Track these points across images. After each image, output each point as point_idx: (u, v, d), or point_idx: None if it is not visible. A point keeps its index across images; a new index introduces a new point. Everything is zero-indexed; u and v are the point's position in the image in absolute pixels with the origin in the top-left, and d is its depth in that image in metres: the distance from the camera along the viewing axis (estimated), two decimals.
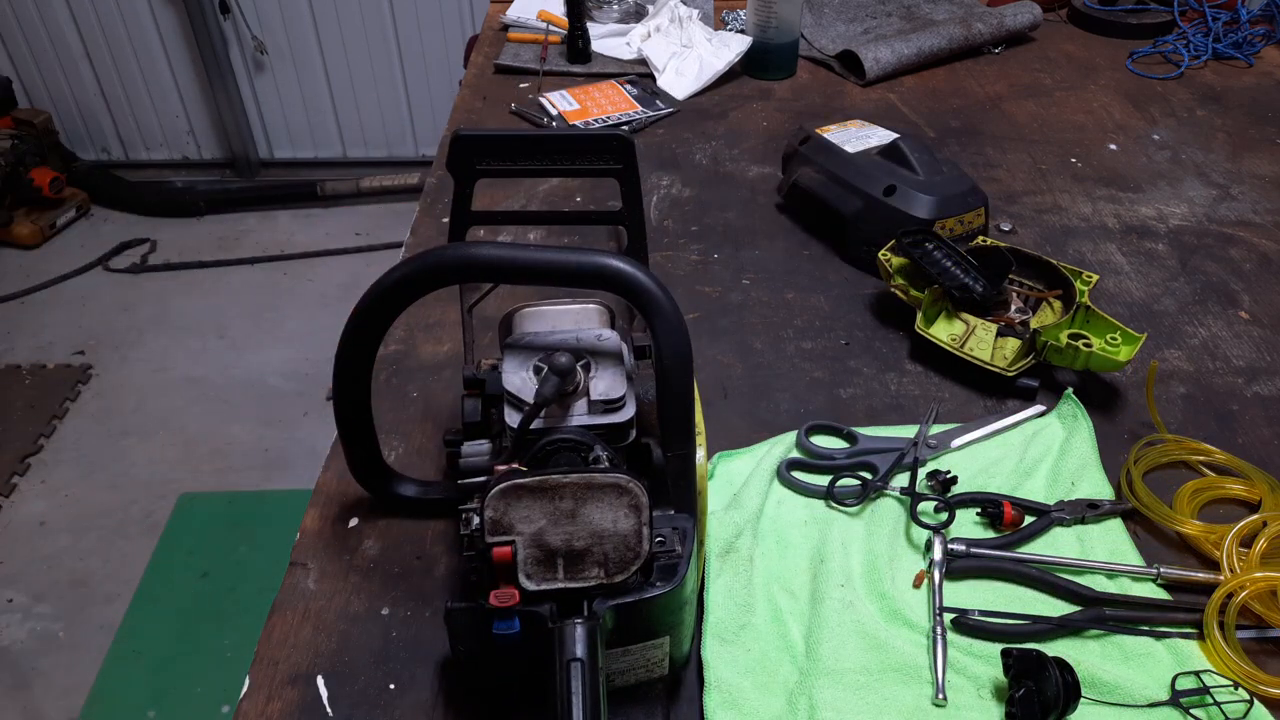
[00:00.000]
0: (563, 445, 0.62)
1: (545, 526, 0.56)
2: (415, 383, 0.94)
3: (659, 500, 0.62)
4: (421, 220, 1.21)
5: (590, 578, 0.56)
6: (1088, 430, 0.86)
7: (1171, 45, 1.66)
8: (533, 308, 0.72)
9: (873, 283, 1.09)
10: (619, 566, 0.56)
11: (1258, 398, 0.94)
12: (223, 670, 1.86)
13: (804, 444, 0.86)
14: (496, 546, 0.55)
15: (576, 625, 0.54)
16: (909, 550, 0.77)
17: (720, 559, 0.75)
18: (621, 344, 0.67)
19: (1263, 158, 1.36)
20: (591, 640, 0.54)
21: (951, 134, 1.41)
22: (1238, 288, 1.10)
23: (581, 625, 0.54)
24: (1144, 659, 0.69)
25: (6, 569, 2.07)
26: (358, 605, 0.73)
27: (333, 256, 3.04)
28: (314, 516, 0.80)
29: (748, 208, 1.24)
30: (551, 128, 1.39)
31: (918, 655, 0.69)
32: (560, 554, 0.56)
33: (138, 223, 3.19)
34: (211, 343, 2.69)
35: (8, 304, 2.84)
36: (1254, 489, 0.81)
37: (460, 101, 1.51)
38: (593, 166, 0.74)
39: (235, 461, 2.32)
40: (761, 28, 1.53)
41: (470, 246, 0.63)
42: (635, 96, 1.49)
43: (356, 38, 3.11)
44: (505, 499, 0.56)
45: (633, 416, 0.64)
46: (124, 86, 3.22)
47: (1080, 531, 0.79)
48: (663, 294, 0.60)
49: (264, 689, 0.68)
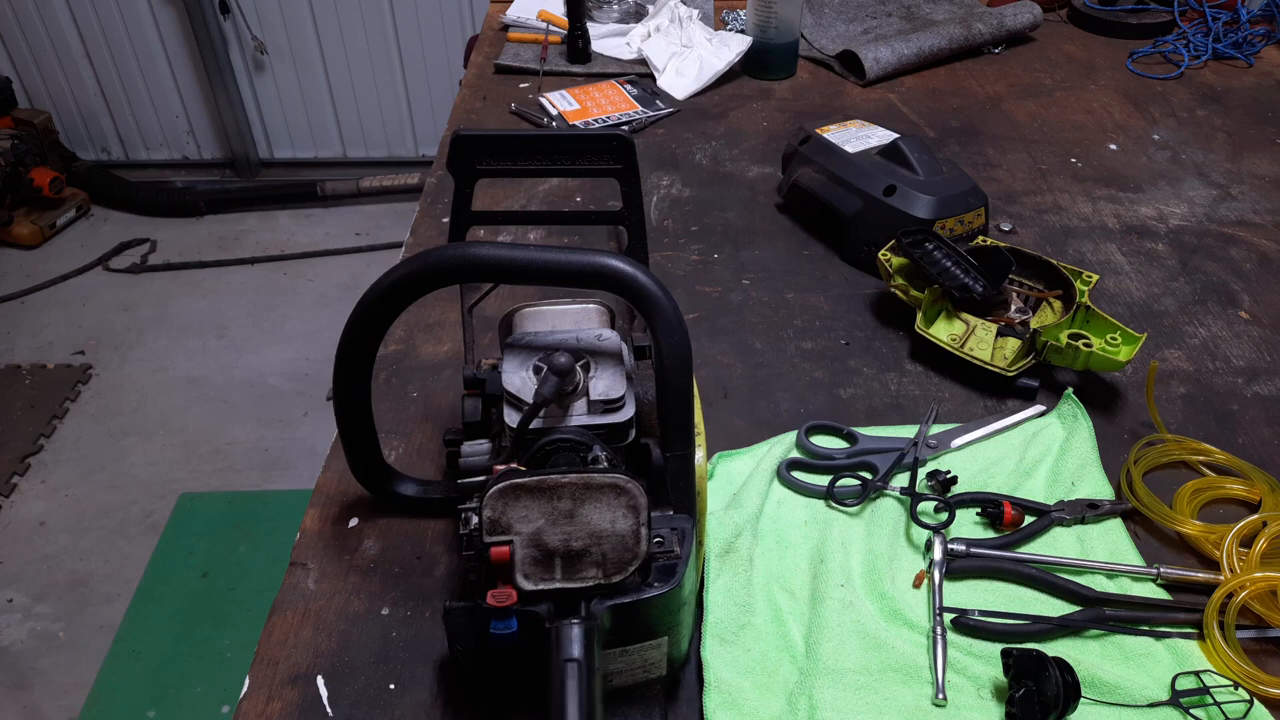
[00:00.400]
0: (562, 445, 0.62)
1: (543, 526, 0.56)
2: (415, 383, 0.94)
3: (658, 501, 0.62)
4: (421, 220, 1.21)
5: (588, 578, 0.56)
6: (1088, 430, 0.86)
7: (1171, 45, 1.66)
8: (533, 308, 0.72)
9: (873, 283, 1.09)
10: (617, 567, 0.56)
11: (1258, 398, 0.94)
12: (223, 670, 1.86)
13: (804, 444, 0.86)
14: (494, 546, 0.56)
15: (573, 625, 0.54)
16: (909, 550, 0.77)
17: (720, 559, 0.75)
18: (621, 344, 0.67)
19: (1263, 158, 1.36)
20: (588, 640, 0.54)
21: (951, 134, 1.41)
22: (1238, 288, 1.10)
23: (578, 625, 0.54)
24: (1144, 659, 0.69)
25: (6, 569, 2.07)
26: (358, 605, 0.73)
27: (333, 256, 3.03)
28: (314, 516, 0.80)
29: (748, 208, 1.24)
30: (551, 128, 1.39)
31: (918, 655, 0.69)
32: (558, 554, 0.56)
33: (138, 223, 3.19)
34: (211, 343, 2.69)
35: (8, 304, 2.84)
36: (1254, 489, 0.81)
37: (460, 101, 1.51)
38: (593, 166, 0.74)
39: (235, 461, 2.32)
40: (761, 28, 1.53)
41: (470, 246, 0.63)
42: (635, 96, 1.49)
43: (356, 38, 3.11)
44: (503, 499, 0.56)
45: (632, 417, 0.64)
46: (124, 86, 3.21)
47: (1080, 531, 0.79)
48: (663, 294, 0.60)
49: (264, 689, 0.68)
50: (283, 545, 0.76)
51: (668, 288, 0.62)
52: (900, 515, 0.80)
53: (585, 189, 1.26)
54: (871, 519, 0.80)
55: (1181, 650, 0.70)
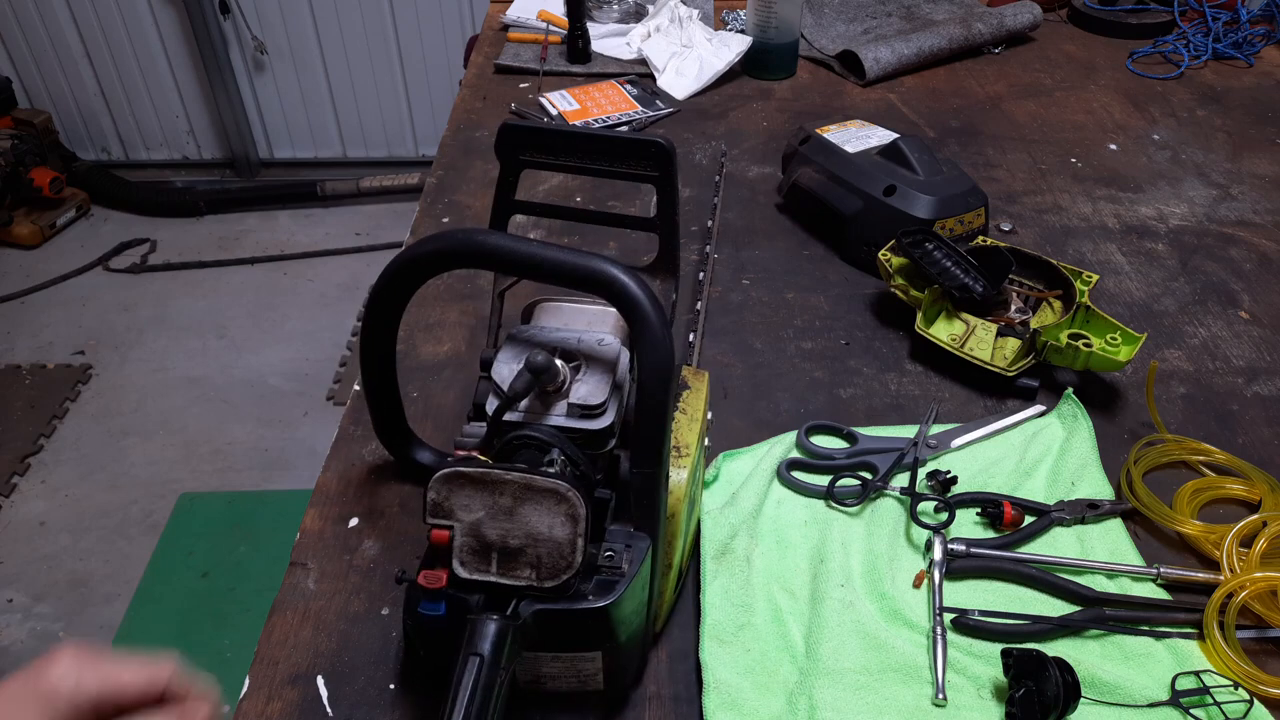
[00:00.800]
0: (528, 442, 0.62)
1: (483, 518, 0.57)
2: (415, 382, 0.94)
3: (623, 514, 0.62)
4: (422, 220, 1.21)
5: (521, 577, 0.57)
6: (1088, 430, 0.86)
7: (1171, 45, 1.66)
8: (553, 303, 0.73)
9: (873, 283, 1.09)
10: (550, 572, 0.56)
11: (1258, 398, 0.94)
12: (223, 670, 1.86)
13: (804, 444, 0.86)
14: (435, 529, 0.57)
15: (490, 621, 0.54)
16: (909, 550, 0.77)
17: (716, 560, 0.75)
18: (621, 352, 0.67)
19: (1263, 158, 1.36)
20: (500, 638, 0.53)
21: (951, 134, 1.41)
22: (1238, 288, 1.10)
23: (494, 622, 0.54)
24: (1144, 659, 0.69)
25: (6, 569, 2.07)
26: (358, 605, 0.73)
27: (333, 256, 3.03)
28: (314, 516, 0.80)
29: (748, 208, 1.24)
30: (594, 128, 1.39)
31: (918, 655, 0.69)
32: (495, 548, 0.57)
33: (138, 223, 3.19)
34: (211, 343, 2.69)
35: (8, 304, 2.84)
36: (1254, 489, 0.81)
37: (460, 101, 1.51)
38: (630, 171, 0.74)
39: (235, 461, 2.32)
40: (761, 28, 1.53)
41: (478, 234, 0.63)
42: (635, 96, 1.49)
43: (356, 38, 3.11)
44: (448, 484, 0.57)
45: (611, 425, 0.64)
46: (124, 86, 3.22)
47: (1080, 531, 0.79)
48: (651, 309, 0.59)
49: (264, 689, 0.68)
50: (283, 545, 0.76)
51: (662, 304, 0.61)
52: (900, 515, 0.80)
53: (585, 189, 1.26)
54: (871, 519, 0.80)
55: (1181, 650, 0.70)
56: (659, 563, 0.64)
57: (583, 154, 0.74)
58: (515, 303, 0.76)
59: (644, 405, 0.59)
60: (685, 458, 0.67)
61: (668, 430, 0.60)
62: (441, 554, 0.57)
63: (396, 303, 0.68)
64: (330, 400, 2.48)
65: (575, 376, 0.65)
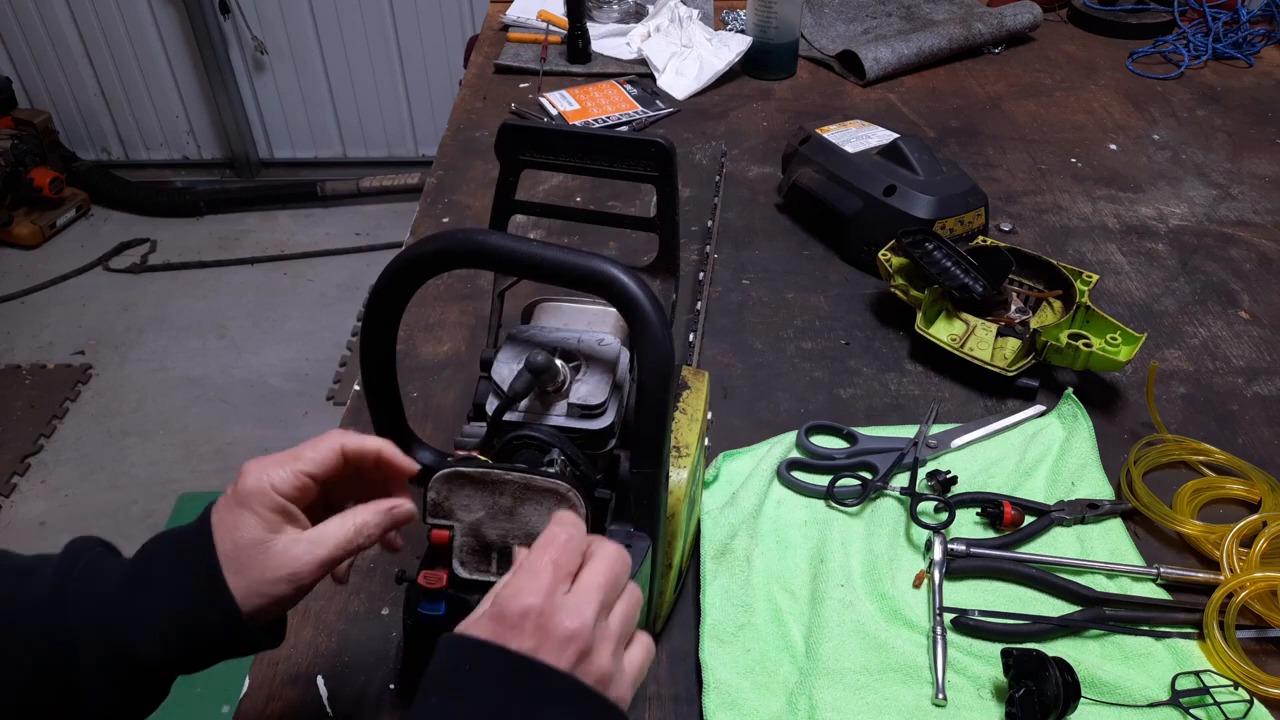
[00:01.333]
0: (528, 442, 0.62)
1: (483, 519, 0.57)
2: (415, 382, 0.94)
3: (622, 515, 0.62)
4: (421, 220, 1.21)
5: None
6: (1088, 430, 0.86)
7: (1171, 45, 1.66)
8: (553, 303, 0.73)
9: (873, 283, 1.09)
10: None
11: (1258, 398, 0.94)
12: (223, 670, 1.86)
13: (804, 444, 0.86)
14: (435, 529, 0.57)
15: None
16: (909, 550, 0.77)
17: (716, 560, 0.75)
18: (621, 352, 0.67)
19: (1263, 158, 1.36)
20: None
21: (951, 134, 1.41)
22: (1238, 288, 1.10)
23: None
24: (1144, 659, 0.69)
25: None
26: (358, 605, 0.73)
27: (333, 256, 3.03)
28: None
29: (748, 208, 1.24)
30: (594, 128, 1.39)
31: (918, 655, 0.69)
32: (495, 549, 0.57)
33: (138, 223, 3.19)
34: (211, 343, 2.69)
35: (8, 304, 2.84)
36: (1254, 489, 0.81)
37: (460, 101, 1.51)
38: (630, 171, 0.74)
39: (235, 462, 2.32)
40: (761, 28, 1.53)
41: (478, 234, 0.63)
42: (635, 96, 1.49)
43: (356, 38, 3.11)
44: (449, 484, 0.57)
45: (611, 425, 0.64)
46: (124, 86, 3.21)
47: (1080, 531, 0.79)
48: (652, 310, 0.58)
49: (264, 689, 0.68)
50: None
51: (663, 305, 0.61)
52: (900, 515, 0.80)
53: (585, 189, 1.26)
54: (871, 519, 0.80)
55: (1181, 650, 0.70)
56: (659, 563, 0.64)
57: (583, 154, 0.74)
58: (515, 303, 0.76)
59: (644, 405, 0.59)
60: (685, 458, 0.67)
61: (668, 430, 0.60)
62: (441, 554, 0.57)
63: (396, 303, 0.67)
64: (330, 400, 2.48)
65: (575, 376, 0.65)
